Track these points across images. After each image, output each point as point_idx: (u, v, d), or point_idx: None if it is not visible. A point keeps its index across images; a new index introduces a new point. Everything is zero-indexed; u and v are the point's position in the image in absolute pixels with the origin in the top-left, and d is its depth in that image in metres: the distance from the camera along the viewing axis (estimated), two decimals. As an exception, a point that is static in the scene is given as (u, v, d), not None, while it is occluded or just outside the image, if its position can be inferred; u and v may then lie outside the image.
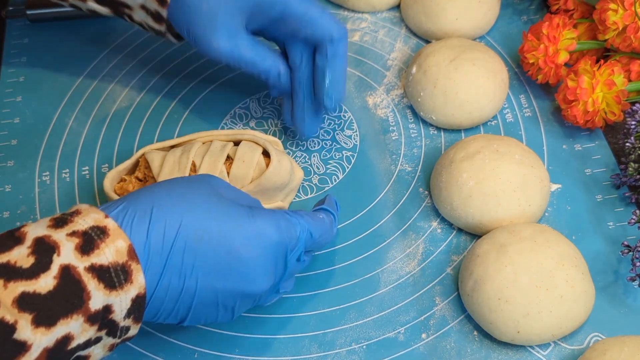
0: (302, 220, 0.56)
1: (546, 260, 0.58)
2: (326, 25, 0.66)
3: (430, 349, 0.60)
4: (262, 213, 0.54)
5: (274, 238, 0.53)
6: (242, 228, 0.52)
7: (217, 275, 0.52)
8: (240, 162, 0.65)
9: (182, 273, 0.51)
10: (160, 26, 0.67)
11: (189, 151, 0.65)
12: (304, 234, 0.55)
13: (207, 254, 0.51)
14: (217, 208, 0.52)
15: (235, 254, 0.52)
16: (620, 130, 0.70)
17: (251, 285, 0.53)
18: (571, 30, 0.71)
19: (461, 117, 0.72)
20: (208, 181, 0.55)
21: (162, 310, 0.52)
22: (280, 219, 0.54)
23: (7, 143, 0.74)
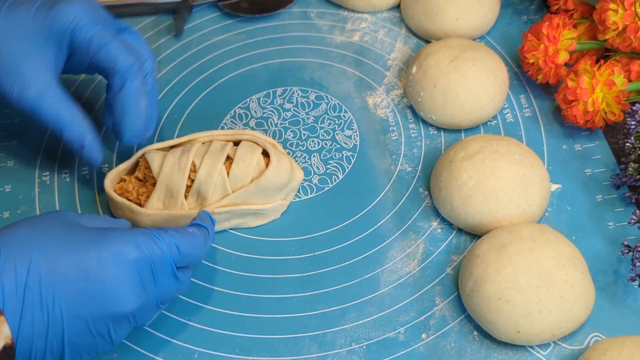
0: (166, 235, 0.54)
1: (546, 260, 0.58)
2: (112, 55, 0.62)
3: (430, 349, 0.60)
4: (118, 233, 0.52)
5: (131, 255, 0.52)
6: (95, 251, 0.51)
7: (81, 303, 0.50)
8: (240, 162, 0.65)
9: (43, 306, 0.49)
10: None
11: (189, 151, 0.65)
12: (169, 249, 0.54)
13: (65, 283, 0.49)
14: (67, 236, 0.51)
15: (94, 278, 0.50)
16: (620, 130, 0.70)
17: (118, 306, 0.51)
18: (571, 30, 0.71)
19: (461, 117, 0.72)
20: (59, 214, 0.54)
21: (35, 350, 0.50)
22: (139, 236, 0.53)
23: (7, 143, 0.74)
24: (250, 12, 0.84)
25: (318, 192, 0.70)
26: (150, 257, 0.53)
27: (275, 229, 0.68)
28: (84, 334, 0.51)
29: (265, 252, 0.66)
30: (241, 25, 0.83)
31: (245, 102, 0.77)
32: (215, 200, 0.65)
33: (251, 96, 0.77)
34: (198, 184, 0.64)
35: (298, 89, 0.78)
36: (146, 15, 0.84)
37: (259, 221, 0.67)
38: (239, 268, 0.65)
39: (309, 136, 0.74)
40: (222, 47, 0.81)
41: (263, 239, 0.67)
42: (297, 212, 0.69)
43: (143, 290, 0.53)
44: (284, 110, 0.76)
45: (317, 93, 0.77)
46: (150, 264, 0.53)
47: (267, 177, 0.64)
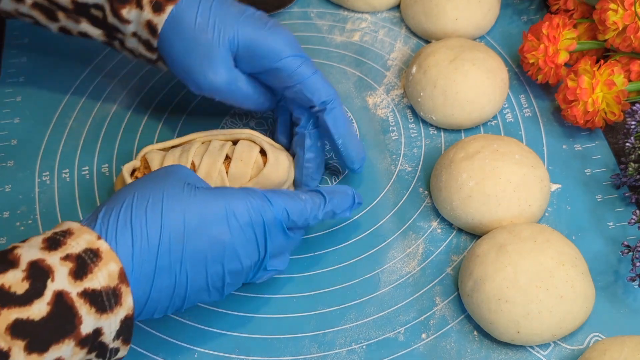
0: (278, 199, 0.56)
1: (546, 260, 0.58)
2: (316, 86, 0.64)
3: (430, 349, 0.60)
4: (233, 194, 0.55)
5: (246, 217, 0.54)
6: (216, 212, 0.53)
7: (204, 263, 0.53)
8: (239, 161, 0.65)
9: (171, 271, 0.52)
10: (152, 54, 0.66)
11: (188, 151, 0.65)
12: (279, 212, 0.56)
13: (191, 247, 0.52)
14: (191, 199, 0.53)
15: (216, 239, 0.53)
16: (620, 130, 0.70)
17: (236, 264, 0.55)
18: (571, 30, 0.71)
19: (461, 117, 0.72)
20: (177, 172, 0.56)
21: (159, 308, 0.53)
22: (252, 198, 0.55)
23: (7, 143, 0.74)
24: (250, 12, 0.84)
25: (318, 192, 0.70)
26: (263, 219, 0.55)
27: (275, 229, 0.68)
28: (203, 290, 0.54)
29: (265, 252, 0.66)
30: (241, 25, 0.83)
31: (245, 102, 0.77)
32: None
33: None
34: None
35: (298, 89, 0.78)
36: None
37: None
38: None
39: (309, 136, 0.74)
40: (222, 47, 0.81)
41: (263, 239, 0.67)
42: (297, 212, 0.69)
43: (257, 247, 0.55)
44: (284, 110, 0.76)
45: (317, 93, 0.77)
46: (263, 225, 0.55)
47: (266, 174, 0.65)
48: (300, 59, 0.64)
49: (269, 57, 0.64)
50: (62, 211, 0.69)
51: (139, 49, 0.66)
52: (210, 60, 0.63)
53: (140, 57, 0.68)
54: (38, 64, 0.80)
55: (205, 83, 0.64)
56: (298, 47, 0.65)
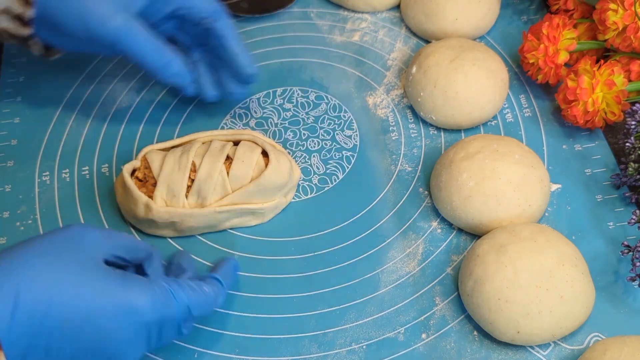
0: (182, 294, 0.53)
1: (546, 260, 0.58)
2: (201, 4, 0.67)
3: (430, 349, 0.60)
4: (137, 285, 0.51)
5: (147, 316, 0.51)
6: (113, 305, 0.50)
7: (85, 353, 0.50)
8: (240, 162, 0.65)
9: (48, 353, 0.49)
10: (25, 29, 0.64)
11: (189, 151, 0.65)
12: (181, 310, 0.53)
13: (76, 336, 0.49)
14: (89, 280, 0.50)
15: (105, 334, 0.50)
16: (620, 130, 0.70)
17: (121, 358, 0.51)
18: (571, 30, 0.71)
19: (461, 117, 0.72)
20: (79, 240, 0.52)
21: None
22: (158, 294, 0.52)
23: (7, 143, 0.74)
24: (250, 12, 0.84)
25: (318, 192, 0.70)
26: (162, 318, 0.52)
27: (275, 229, 0.68)
28: None
29: (265, 252, 0.66)
30: (241, 25, 0.83)
31: (245, 102, 0.77)
32: (215, 199, 0.65)
33: (251, 96, 0.77)
34: (198, 183, 0.64)
35: (298, 89, 0.78)
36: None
37: (258, 220, 0.67)
38: (239, 268, 0.65)
39: (309, 136, 0.74)
40: (222, 47, 0.81)
41: (263, 239, 0.67)
42: (297, 212, 0.69)
43: (146, 345, 0.53)
44: (284, 110, 0.76)
45: (317, 93, 0.77)
46: (161, 323, 0.53)
47: (267, 176, 0.65)
48: None
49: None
50: (62, 211, 0.69)
51: (9, 27, 0.64)
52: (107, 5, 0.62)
53: (11, 39, 0.66)
54: (38, 64, 0.80)
55: (103, 32, 0.62)
56: None
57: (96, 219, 0.68)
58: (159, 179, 0.65)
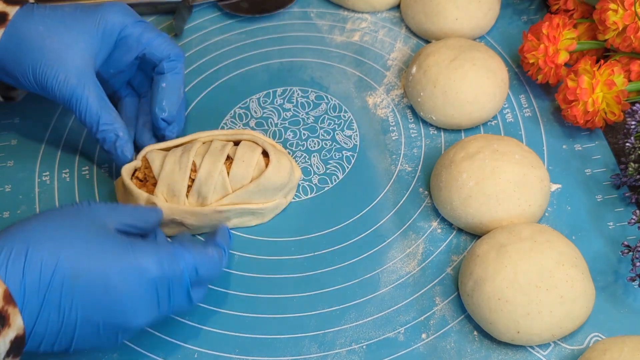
0: (188, 255, 0.55)
1: (546, 260, 0.58)
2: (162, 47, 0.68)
3: (430, 349, 0.60)
4: (144, 247, 0.53)
5: (154, 274, 0.52)
6: (120, 264, 0.52)
7: (96, 311, 0.51)
8: (240, 161, 0.65)
9: (61, 309, 0.50)
10: None
11: (189, 151, 0.65)
12: (188, 270, 0.54)
13: (85, 292, 0.51)
14: (96, 242, 0.52)
15: (114, 291, 0.51)
16: (620, 130, 0.70)
17: (131, 320, 0.53)
18: (571, 30, 0.71)
19: (461, 117, 0.72)
20: (88, 211, 0.54)
21: (44, 343, 0.51)
22: (163, 254, 0.53)
23: (7, 143, 0.74)
24: (250, 12, 0.84)
25: (318, 192, 0.70)
26: (169, 277, 0.53)
27: (275, 229, 0.68)
28: (92, 336, 0.52)
29: (265, 252, 0.66)
30: (241, 25, 0.83)
31: (245, 102, 0.77)
32: (215, 199, 0.65)
33: (251, 96, 0.77)
34: (199, 183, 0.64)
35: (298, 89, 0.78)
36: (146, 15, 0.84)
37: (258, 220, 0.67)
38: (239, 268, 0.65)
39: (309, 136, 0.74)
40: (222, 47, 0.81)
41: (263, 239, 0.67)
42: (297, 212, 0.69)
43: (157, 307, 0.54)
44: (284, 110, 0.76)
45: (317, 93, 0.77)
46: (169, 284, 0.54)
47: (267, 176, 0.65)
48: (142, 24, 0.67)
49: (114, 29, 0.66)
50: (62, 211, 0.69)
51: None
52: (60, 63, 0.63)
53: None
54: (38, 64, 0.80)
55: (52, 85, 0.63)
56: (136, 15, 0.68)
57: (96, 219, 0.68)
58: (160, 178, 0.65)
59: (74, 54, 0.63)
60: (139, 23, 0.67)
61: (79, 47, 0.64)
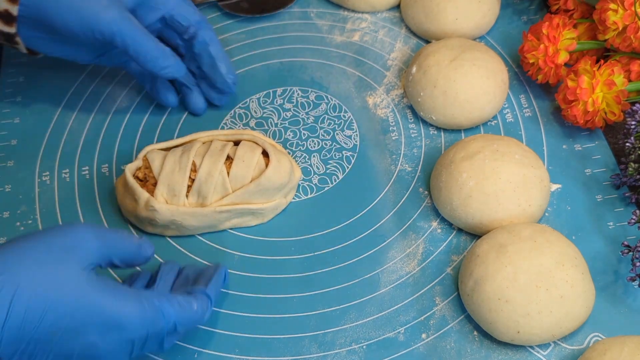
0: (171, 311, 0.53)
1: (546, 260, 0.58)
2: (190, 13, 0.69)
3: (430, 349, 0.60)
4: (129, 301, 0.52)
5: (134, 332, 0.52)
6: (102, 320, 0.50)
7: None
8: (240, 161, 0.65)
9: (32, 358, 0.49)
10: (10, 28, 0.64)
11: (189, 151, 0.65)
12: (167, 327, 0.53)
13: (62, 347, 0.50)
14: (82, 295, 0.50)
15: (91, 346, 0.51)
16: (620, 130, 0.70)
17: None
18: (571, 30, 0.71)
19: (461, 117, 0.72)
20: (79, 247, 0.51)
21: None
22: (147, 311, 0.52)
23: (7, 143, 0.74)
24: (250, 12, 0.84)
25: (318, 192, 0.70)
26: (148, 333, 0.53)
27: (275, 229, 0.68)
28: None
29: (265, 252, 0.66)
30: (241, 25, 0.83)
31: (245, 102, 0.77)
32: (215, 199, 0.65)
33: (251, 96, 0.77)
34: (198, 183, 0.64)
35: (298, 89, 0.78)
36: (146, 15, 0.84)
37: (258, 220, 0.67)
38: (239, 268, 0.65)
39: (309, 136, 0.74)
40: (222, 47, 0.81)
41: (263, 239, 0.67)
42: (297, 212, 0.69)
43: (129, 356, 0.53)
44: (284, 110, 0.76)
45: (317, 93, 0.77)
46: (147, 339, 0.53)
47: (267, 176, 0.65)
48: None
49: None
50: (62, 211, 0.69)
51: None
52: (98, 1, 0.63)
53: None
54: (38, 64, 0.80)
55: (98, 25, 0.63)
56: None
57: (96, 219, 0.68)
58: (160, 178, 0.65)
59: None
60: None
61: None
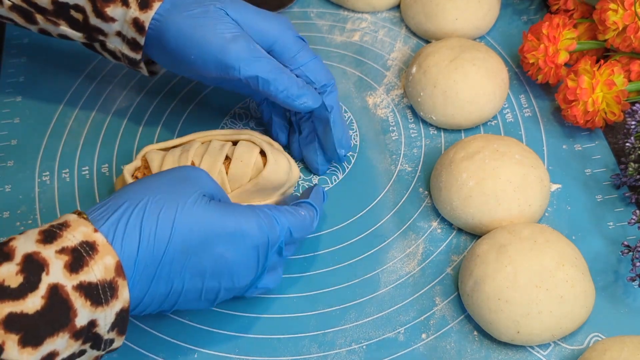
0: (283, 218, 0.57)
1: (546, 260, 0.58)
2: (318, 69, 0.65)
3: (430, 349, 0.60)
4: (245, 213, 0.55)
5: (255, 239, 0.55)
6: (226, 231, 0.53)
7: (202, 277, 0.54)
8: (238, 161, 0.65)
9: (169, 280, 0.52)
10: (136, 54, 0.65)
11: (188, 151, 0.65)
12: (283, 232, 0.56)
13: (194, 260, 0.53)
14: (204, 214, 0.53)
15: (220, 257, 0.54)
16: (620, 130, 0.70)
17: (234, 282, 0.55)
18: (571, 30, 0.71)
19: (461, 117, 0.72)
20: (194, 179, 0.55)
21: (148, 310, 0.54)
22: (262, 219, 0.55)
23: (7, 143, 0.74)
24: (250, 12, 0.84)
25: (318, 192, 0.70)
26: (268, 241, 0.55)
27: (275, 229, 0.68)
28: (194, 299, 0.55)
29: (265, 252, 0.66)
30: (241, 25, 0.83)
31: (245, 102, 0.77)
32: None
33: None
34: None
35: (298, 89, 0.78)
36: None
37: None
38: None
39: (309, 136, 0.74)
40: (222, 47, 0.81)
41: (263, 239, 0.67)
42: (297, 212, 0.69)
43: (256, 268, 0.56)
44: (284, 110, 0.76)
45: (317, 93, 0.77)
46: (267, 247, 0.56)
47: (265, 176, 0.65)
48: (301, 42, 0.65)
49: (269, 37, 0.63)
50: (62, 211, 0.69)
51: (122, 49, 0.65)
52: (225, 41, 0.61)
53: (122, 58, 0.67)
54: (38, 64, 0.80)
55: (224, 60, 0.61)
56: (295, 31, 0.65)
57: (96, 219, 0.68)
58: None
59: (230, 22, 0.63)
60: (297, 38, 0.65)
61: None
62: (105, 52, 0.67)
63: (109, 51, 0.67)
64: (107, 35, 0.65)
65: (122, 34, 0.64)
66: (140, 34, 0.63)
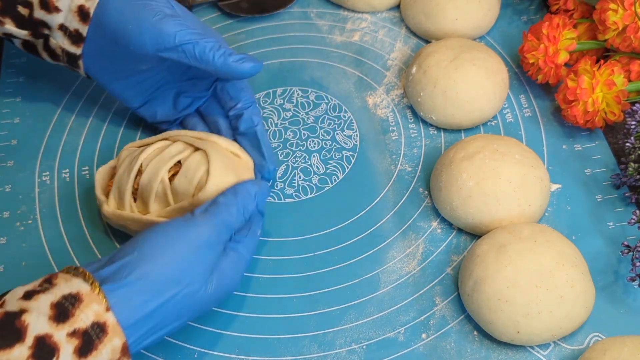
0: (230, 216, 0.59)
1: (546, 260, 0.58)
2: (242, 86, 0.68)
3: (430, 349, 0.60)
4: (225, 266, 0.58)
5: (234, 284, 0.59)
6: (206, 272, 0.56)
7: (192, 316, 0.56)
8: (183, 177, 0.62)
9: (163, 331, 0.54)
10: (77, 48, 0.65)
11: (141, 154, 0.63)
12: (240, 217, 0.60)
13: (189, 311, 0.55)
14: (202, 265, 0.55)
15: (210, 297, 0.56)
16: (620, 130, 0.70)
17: None
18: (571, 30, 0.71)
19: (461, 117, 0.72)
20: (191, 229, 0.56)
21: None
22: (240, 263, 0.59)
23: (7, 143, 0.74)
24: (250, 12, 0.84)
25: (318, 192, 0.70)
26: None
27: (275, 229, 0.68)
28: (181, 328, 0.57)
29: (265, 252, 0.66)
30: (241, 25, 0.83)
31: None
32: (156, 209, 0.63)
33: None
34: (141, 188, 0.63)
35: (298, 89, 0.78)
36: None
37: None
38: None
39: (309, 136, 0.74)
40: (222, 47, 0.81)
41: (263, 239, 0.67)
42: (297, 212, 0.69)
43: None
44: (284, 110, 0.76)
45: (317, 93, 0.77)
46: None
47: (202, 198, 0.61)
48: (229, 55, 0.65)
49: None
50: (62, 211, 0.69)
51: (63, 44, 0.65)
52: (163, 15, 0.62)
53: (61, 56, 0.67)
54: (38, 64, 0.80)
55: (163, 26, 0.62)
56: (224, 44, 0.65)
57: (96, 219, 0.68)
58: (115, 178, 0.64)
59: None
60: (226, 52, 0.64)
61: None
62: (45, 52, 0.67)
63: (49, 50, 0.67)
64: (51, 28, 0.65)
65: (64, 27, 0.64)
66: (84, 22, 0.64)
